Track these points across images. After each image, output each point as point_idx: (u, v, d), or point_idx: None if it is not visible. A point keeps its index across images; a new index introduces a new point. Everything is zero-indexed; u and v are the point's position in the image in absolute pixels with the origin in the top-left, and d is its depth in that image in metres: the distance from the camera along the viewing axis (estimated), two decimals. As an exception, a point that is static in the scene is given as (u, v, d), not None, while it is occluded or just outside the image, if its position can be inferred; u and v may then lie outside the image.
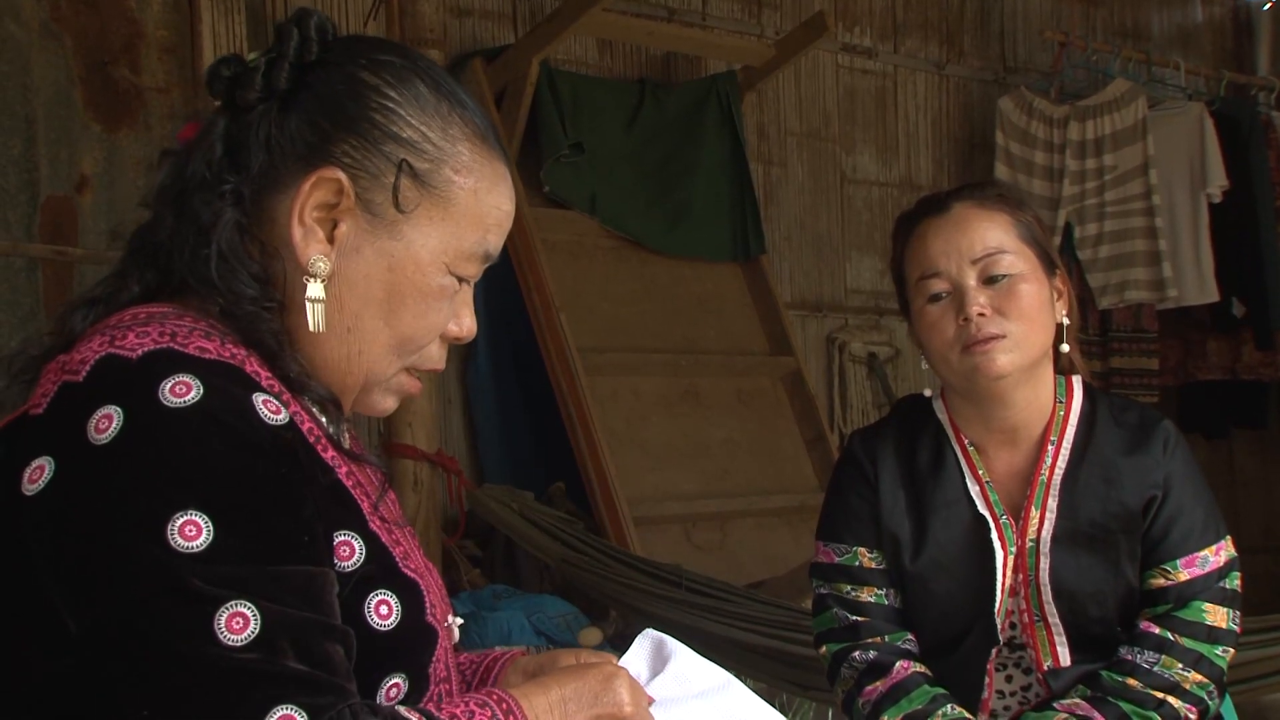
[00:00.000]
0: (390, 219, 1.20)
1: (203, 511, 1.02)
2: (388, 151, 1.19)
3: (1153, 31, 6.79)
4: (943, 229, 1.95)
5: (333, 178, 1.18)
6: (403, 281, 1.20)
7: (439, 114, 1.22)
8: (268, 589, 1.02)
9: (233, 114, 1.21)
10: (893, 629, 2.00)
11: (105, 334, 1.11)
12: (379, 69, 1.21)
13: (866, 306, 5.77)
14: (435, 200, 1.21)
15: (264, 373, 1.15)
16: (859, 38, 5.82)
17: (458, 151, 1.22)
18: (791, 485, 4.87)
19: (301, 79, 1.21)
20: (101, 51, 3.91)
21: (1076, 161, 5.72)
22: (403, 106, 1.20)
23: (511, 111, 4.62)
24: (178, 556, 1.00)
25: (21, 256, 3.76)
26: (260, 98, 1.20)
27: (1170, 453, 1.95)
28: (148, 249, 1.22)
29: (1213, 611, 1.92)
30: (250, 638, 1.00)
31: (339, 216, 1.19)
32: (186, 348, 1.09)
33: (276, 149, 1.19)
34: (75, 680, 1.05)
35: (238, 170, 1.19)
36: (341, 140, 1.19)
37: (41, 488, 1.05)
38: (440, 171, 1.21)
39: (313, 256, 1.17)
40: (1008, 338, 1.89)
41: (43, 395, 1.10)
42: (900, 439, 2.05)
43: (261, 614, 1.01)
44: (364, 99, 1.20)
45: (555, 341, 4.44)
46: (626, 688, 1.21)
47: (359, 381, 1.24)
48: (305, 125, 1.19)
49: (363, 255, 1.19)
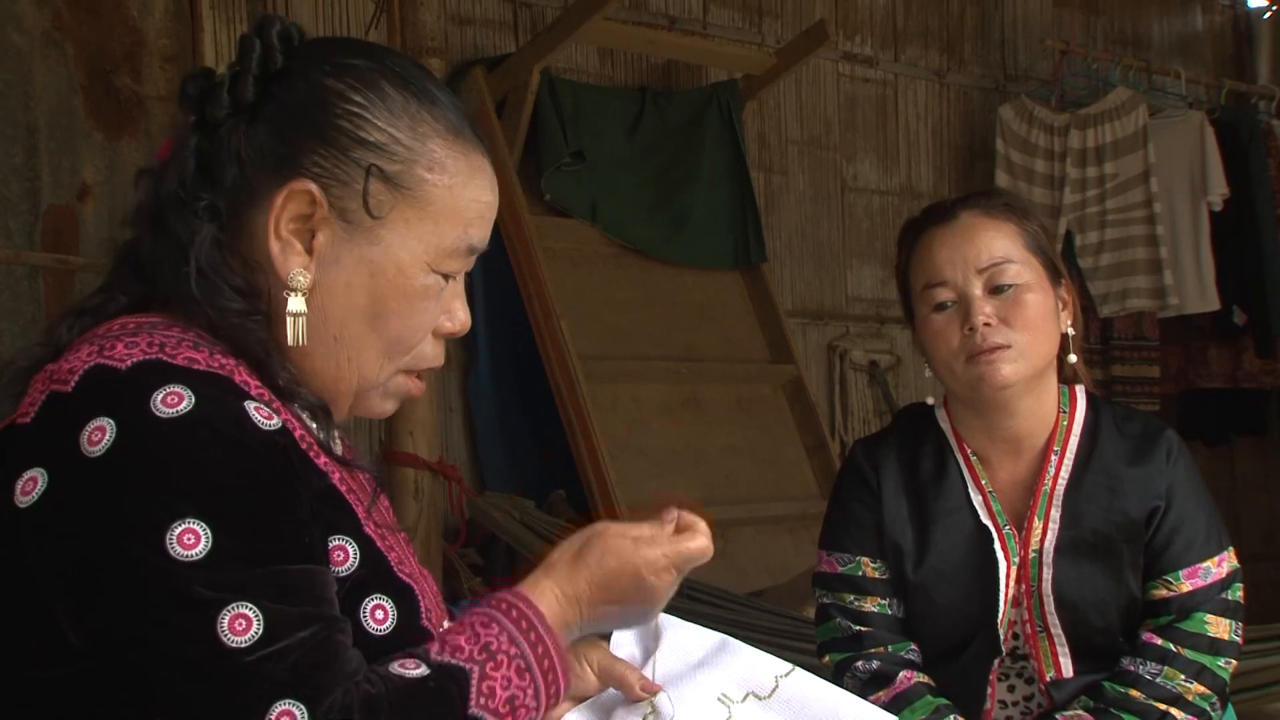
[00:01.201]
0: (366, 225, 1.19)
1: (200, 519, 1.02)
2: (356, 158, 1.18)
3: (1153, 40, 6.79)
4: (949, 238, 1.94)
5: (304, 189, 1.17)
6: (385, 286, 1.20)
7: (407, 113, 1.20)
8: (269, 590, 1.02)
9: (204, 130, 1.20)
10: (896, 639, 2.00)
11: (94, 343, 1.11)
12: (343, 73, 1.20)
13: (867, 314, 5.77)
14: (410, 201, 1.20)
15: (253, 381, 1.15)
16: (859, 46, 5.82)
17: (429, 149, 1.21)
18: (792, 493, 4.87)
19: (267, 89, 1.20)
20: (103, 60, 3.92)
21: (1077, 169, 5.72)
22: (368, 110, 1.19)
23: (512, 120, 4.62)
24: (178, 565, 1.00)
25: (23, 265, 3.76)
26: (228, 112, 1.19)
27: (1173, 463, 1.95)
28: (131, 266, 1.22)
29: (1215, 623, 1.92)
30: (254, 638, 1.00)
31: (315, 227, 1.18)
32: (175, 358, 1.09)
33: (248, 163, 1.18)
34: (74, 690, 1.05)
35: (212, 186, 1.18)
36: (310, 151, 1.18)
37: (36, 500, 1.05)
38: (412, 171, 1.20)
39: (292, 270, 1.17)
40: (1013, 348, 1.89)
41: (30, 404, 1.10)
42: (903, 448, 2.04)
43: (264, 614, 1.01)
44: (329, 106, 1.18)
45: (556, 349, 4.43)
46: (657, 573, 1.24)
47: (351, 388, 1.23)
48: (273, 137, 1.18)
49: (342, 264, 1.19)
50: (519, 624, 1.14)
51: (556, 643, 1.16)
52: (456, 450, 4.61)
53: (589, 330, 4.60)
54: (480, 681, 1.10)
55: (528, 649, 1.13)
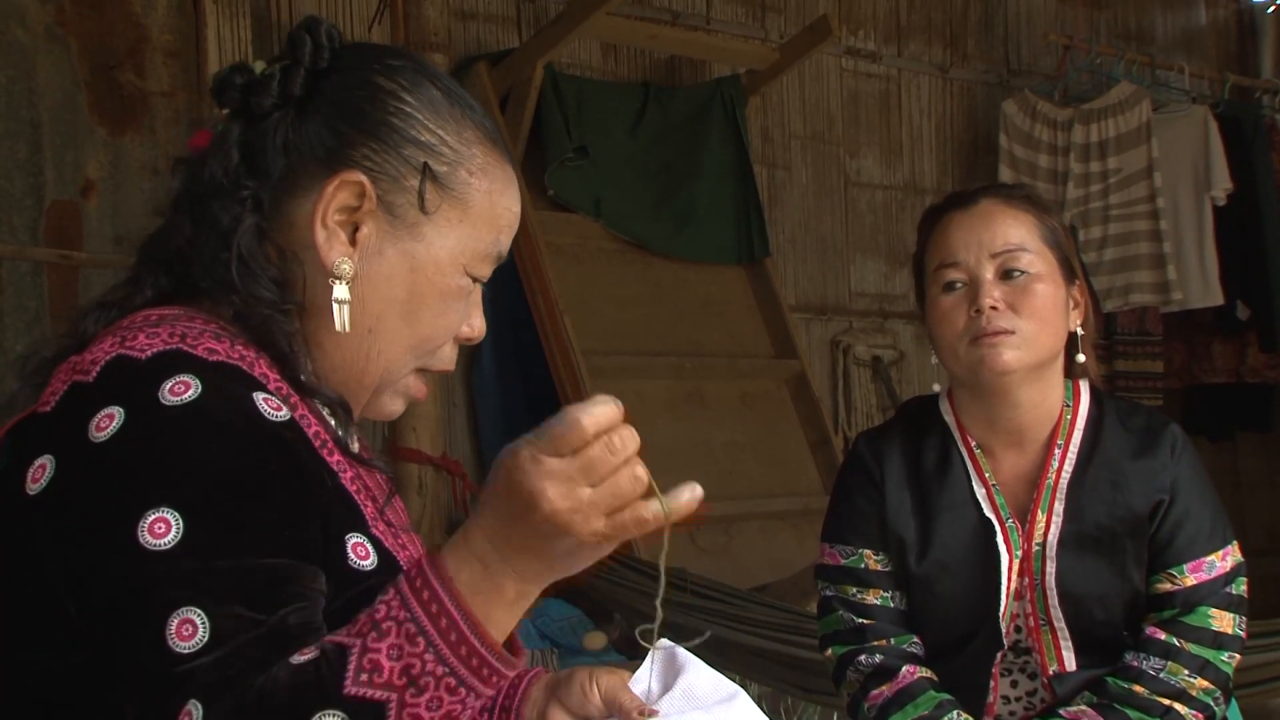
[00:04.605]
0: (411, 221, 1.21)
1: (175, 508, 1.02)
2: (407, 155, 1.21)
3: (1157, 34, 6.78)
4: (966, 221, 1.95)
5: (355, 180, 1.19)
6: (424, 282, 1.22)
7: (452, 118, 1.24)
8: (232, 586, 1.01)
9: (247, 121, 1.22)
10: (899, 632, 2.00)
11: (117, 335, 1.12)
12: (393, 74, 1.23)
13: (871, 309, 5.77)
14: (453, 202, 1.22)
15: (272, 374, 1.15)
16: (863, 41, 5.82)
17: (472, 154, 1.24)
18: (796, 488, 4.87)
19: (315, 85, 1.22)
20: (106, 56, 3.92)
21: (1081, 164, 5.71)
22: (420, 111, 1.22)
23: (516, 115, 4.63)
24: (145, 554, 1.01)
25: (27, 261, 3.77)
26: (276, 104, 1.21)
27: (1178, 457, 1.95)
28: (161, 255, 1.23)
29: (1219, 617, 1.92)
30: (197, 646, 0.98)
31: (360, 219, 1.20)
32: (196, 349, 1.10)
33: (295, 153, 1.20)
34: (87, 676, 1.06)
35: (256, 176, 1.20)
36: (361, 144, 1.20)
37: (44, 486, 1.06)
38: (457, 174, 1.23)
39: (337, 259, 1.19)
40: (1017, 334, 1.89)
41: (52, 394, 1.11)
42: (906, 441, 2.04)
43: (210, 621, 0.99)
44: (381, 103, 1.21)
45: (560, 344, 4.44)
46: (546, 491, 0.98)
47: (374, 382, 1.24)
48: (324, 129, 1.20)
49: (385, 257, 1.21)
50: (414, 583, 1.00)
51: (457, 594, 0.99)
52: (460, 446, 4.61)
53: (592, 326, 4.60)
54: (361, 657, 0.97)
55: (419, 609, 0.99)
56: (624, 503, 1.01)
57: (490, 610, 1.01)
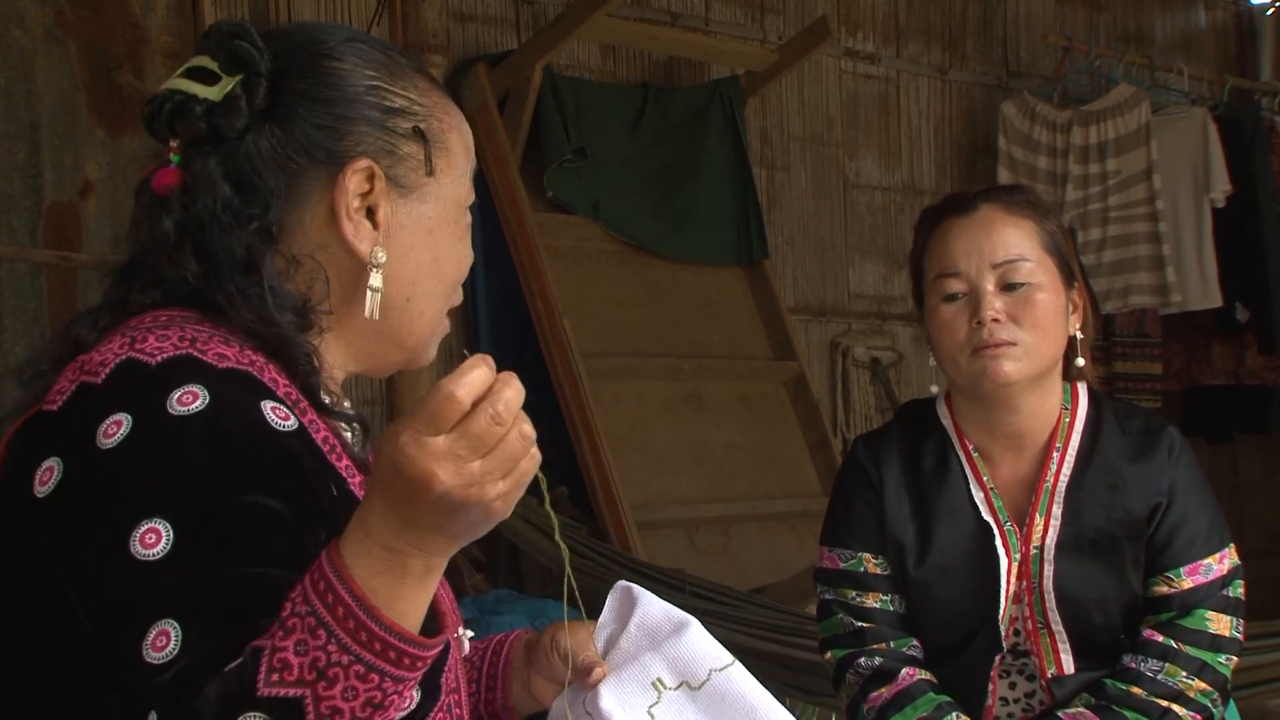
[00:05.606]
0: (416, 186, 1.23)
1: (167, 519, 1.01)
2: (392, 125, 1.22)
3: (1156, 36, 6.78)
4: (967, 229, 1.94)
5: (362, 166, 1.20)
6: (441, 237, 1.25)
7: (403, 74, 1.25)
8: (213, 599, 1.00)
9: (216, 148, 1.19)
10: (898, 635, 2.00)
11: (126, 335, 1.11)
12: (341, 54, 1.23)
13: (870, 311, 5.77)
14: (439, 150, 1.25)
15: (282, 380, 1.15)
16: (861, 43, 5.82)
17: (432, 101, 1.26)
18: (795, 490, 4.87)
19: (276, 90, 1.20)
20: (105, 57, 3.92)
21: (1080, 166, 5.72)
22: (379, 79, 1.23)
23: (514, 117, 4.62)
24: (136, 564, 1.00)
25: (26, 262, 3.77)
26: (249, 123, 1.18)
27: (1175, 460, 1.95)
28: (149, 275, 1.19)
29: (1216, 620, 1.92)
30: (168, 657, 0.98)
31: (373, 202, 1.20)
32: (205, 354, 1.10)
33: (292, 164, 1.19)
34: (96, 683, 1.06)
35: (256, 202, 1.18)
36: (350, 130, 1.20)
37: (52, 489, 1.06)
38: (432, 125, 1.25)
39: (370, 247, 1.20)
40: (1018, 345, 1.89)
41: (59, 393, 1.10)
42: (904, 444, 2.04)
43: (183, 634, 0.98)
44: (347, 84, 1.21)
45: (558, 346, 4.44)
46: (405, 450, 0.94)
47: (420, 341, 1.27)
48: (312, 129, 1.20)
49: (405, 229, 1.23)
50: (313, 576, 0.97)
51: (350, 581, 0.96)
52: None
53: (591, 327, 4.60)
54: (271, 657, 0.95)
55: (316, 601, 0.96)
56: (517, 461, 0.97)
57: (400, 589, 0.97)
